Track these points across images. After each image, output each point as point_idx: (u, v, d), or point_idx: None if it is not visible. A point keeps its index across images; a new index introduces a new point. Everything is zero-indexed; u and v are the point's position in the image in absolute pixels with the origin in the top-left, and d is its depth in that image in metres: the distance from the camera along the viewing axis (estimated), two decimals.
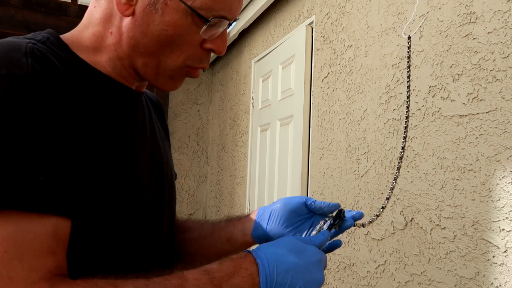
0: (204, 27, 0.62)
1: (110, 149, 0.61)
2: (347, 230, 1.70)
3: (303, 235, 0.76)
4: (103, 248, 0.60)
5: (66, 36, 0.65)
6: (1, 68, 0.52)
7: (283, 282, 0.60)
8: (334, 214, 0.76)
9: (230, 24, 0.66)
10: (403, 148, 0.81)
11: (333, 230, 0.73)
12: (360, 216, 0.78)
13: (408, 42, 0.80)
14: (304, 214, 0.78)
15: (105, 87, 0.64)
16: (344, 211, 0.75)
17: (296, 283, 0.61)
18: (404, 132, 0.80)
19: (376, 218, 0.80)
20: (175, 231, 0.86)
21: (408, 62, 0.79)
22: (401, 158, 0.81)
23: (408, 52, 0.80)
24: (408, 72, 0.78)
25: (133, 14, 0.62)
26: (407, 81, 0.78)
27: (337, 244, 0.77)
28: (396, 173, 0.81)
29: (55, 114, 0.53)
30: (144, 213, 0.67)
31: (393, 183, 0.81)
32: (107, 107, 0.63)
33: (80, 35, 0.65)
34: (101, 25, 0.64)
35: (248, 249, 0.66)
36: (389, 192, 0.80)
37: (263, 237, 0.79)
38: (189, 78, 0.70)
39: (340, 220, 0.74)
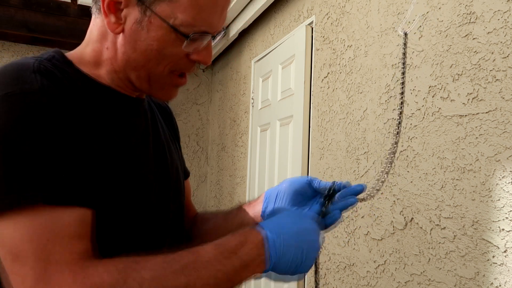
0: (185, 42, 0.67)
1: (113, 150, 0.67)
2: (346, 231, 1.71)
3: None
4: (112, 239, 0.66)
5: (70, 54, 0.72)
6: (14, 86, 0.59)
7: (290, 244, 0.64)
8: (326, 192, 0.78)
9: (214, 37, 0.71)
10: (396, 143, 0.81)
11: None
12: (362, 188, 0.78)
13: (404, 39, 0.79)
14: (308, 193, 0.80)
15: (106, 96, 0.71)
16: (334, 187, 0.77)
17: (301, 246, 0.65)
18: (397, 127, 0.80)
19: (377, 192, 0.80)
20: (196, 225, 0.93)
21: (403, 59, 0.78)
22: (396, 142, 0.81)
23: (403, 49, 0.79)
24: (403, 69, 0.77)
25: (123, 31, 0.67)
26: (401, 77, 0.77)
27: (337, 218, 0.76)
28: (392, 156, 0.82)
29: (66, 123, 0.60)
30: (148, 210, 0.72)
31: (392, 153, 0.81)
32: (109, 113, 0.69)
33: (84, 51, 0.72)
34: (98, 41, 0.71)
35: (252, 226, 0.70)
36: (388, 166, 0.80)
37: None
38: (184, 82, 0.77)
39: (330, 196, 0.77)
